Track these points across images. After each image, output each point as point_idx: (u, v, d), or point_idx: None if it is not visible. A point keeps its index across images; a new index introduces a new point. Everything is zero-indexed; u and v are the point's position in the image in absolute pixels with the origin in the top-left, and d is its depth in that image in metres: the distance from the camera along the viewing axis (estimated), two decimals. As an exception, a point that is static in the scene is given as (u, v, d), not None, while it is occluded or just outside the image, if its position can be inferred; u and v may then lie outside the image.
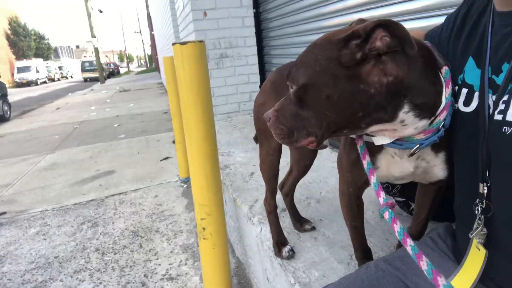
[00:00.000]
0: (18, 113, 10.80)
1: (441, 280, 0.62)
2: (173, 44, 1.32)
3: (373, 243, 1.21)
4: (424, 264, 0.64)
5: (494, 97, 0.64)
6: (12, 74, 34.35)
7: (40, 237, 2.63)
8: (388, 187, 1.27)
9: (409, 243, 0.66)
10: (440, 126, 0.71)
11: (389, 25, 0.61)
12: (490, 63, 0.66)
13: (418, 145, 0.72)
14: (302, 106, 0.70)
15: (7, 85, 10.16)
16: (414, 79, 0.66)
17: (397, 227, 0.69)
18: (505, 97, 0.61)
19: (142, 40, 61.72)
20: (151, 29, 20.16)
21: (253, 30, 3.75)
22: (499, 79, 0.64)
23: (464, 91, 0.71)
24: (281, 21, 3.33)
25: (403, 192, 1.28)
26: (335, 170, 1.96)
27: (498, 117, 0.62)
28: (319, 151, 1.47)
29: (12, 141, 6.34)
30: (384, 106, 0.66)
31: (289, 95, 0.74)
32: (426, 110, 0.68)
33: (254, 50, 3.82)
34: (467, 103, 0.70)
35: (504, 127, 0.60)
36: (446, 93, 0.70)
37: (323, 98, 0.67)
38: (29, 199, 3.43)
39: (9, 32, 40.91)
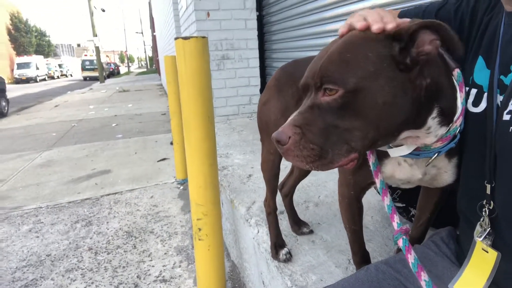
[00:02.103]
0: (16, 109, 10.75)
1: None
2: (176, 38, 1.31)
3: (372, 248, 1.19)
4: None
5: (502, 97, 0.63)
6: (12, 70, 34.33)
7: (32, 235, 2.59)
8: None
9: (424, 278, 0.64)
10: (457, 132, 0.69)
11: (437, 27, 0.57)
12: (500, 63, 0.65)
13: (436, 154, 0.69)
14: (345, 115, 0.59)
15: (6, 81, 10.11)
16: (443, 82, 0.64)
17: (411, 257, 0.66)
18: None
19: (144, 42, 61.87)
20: (153, 30, 20.21)
21: (256, 32, 3.75)
22: (508, 79, 0.63)
23: (473, 91, 0.70)
24: (284, 24, 3.33)
25: (403, 197, 1.26)
26: (334, 174, 1.94)
27: (506, 117, 0.61)
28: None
29: (9, 137, 6.29)
30: (420, 110, 0.62)
31: (317, 104, 0.61)
32: (447, 116, 0.66)
33: (256, 53, 3.81)
34: (476, 103, 0.69)
35: (511, 127, 0.60)
36: (461, 97, 0.68)
37: (379, 104, 0.58)
38: (23, 195, 3.39)
39: (10, 27, 40.93)
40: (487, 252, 0.65)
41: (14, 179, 3.88)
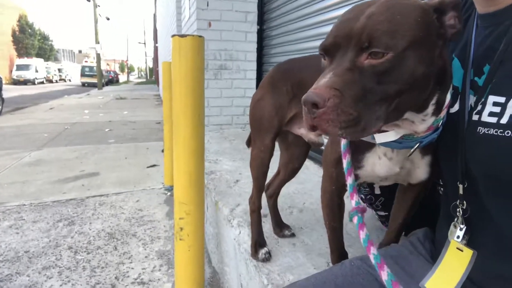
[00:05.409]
0: (10, 109, 10.66)
1: None
2: (172, 36, 1.32)
3: (351, 253, 1.17)
4: (384, 274, 0.64)
5: (475, 98, 0.64)
6: (11, 71, 34.26)
7: (12, 231, 2.53)
8: (371, 198, 1.25)
9: (372, 252, 0.66)
10: (440, 124, 0.69)
11: (459, 6, 0.58)
12: (473, 65, 0.66)
13: (418, 143, 0.69)
14: (383, 82, 0.55)
15: (3, 81, 10.05)
16: (448, 68, 0.64)
17: (362, 233, 0.69)
18: (483, 99, 0.62)
19: (145, 52, 62.40)
20: (156, 42, 20.45)
21: (255, 45, 3.80)
22: (481, 81, 0.64)
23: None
24: (283, 38, 3.38)
25: (386, 206, 1.26)
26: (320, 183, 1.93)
27: (475, 117, 0.62)
28: (307, 165, 1.45)
29: None
30: (431, 91, 0.61)
31: (358, 66, 0.56)
32: (440, 105, 0.65)
33: (254, 65, 3.85)
34: (452, 104, 0.70)
35: (478, 128, 0.61)
36: (450, 88, 0.68)
37: (416, 72, 0.56)
38: (7, 192, 3.33)
39: (16, 29, 41.13)
40: (462, 251, 0.65)
41: (0, 176, 3.82)
